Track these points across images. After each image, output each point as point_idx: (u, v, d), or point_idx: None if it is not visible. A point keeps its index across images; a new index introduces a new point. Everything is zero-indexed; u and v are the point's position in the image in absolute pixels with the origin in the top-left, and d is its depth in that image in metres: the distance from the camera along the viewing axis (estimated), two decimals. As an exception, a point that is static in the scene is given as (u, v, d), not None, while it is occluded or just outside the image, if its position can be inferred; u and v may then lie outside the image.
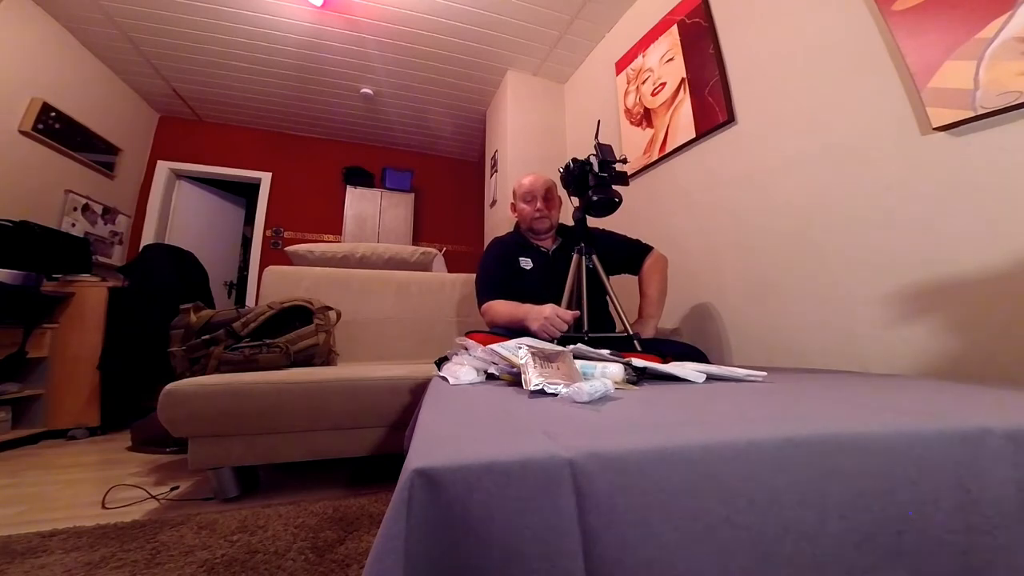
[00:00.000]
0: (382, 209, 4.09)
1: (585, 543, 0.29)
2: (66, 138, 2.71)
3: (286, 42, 2.83)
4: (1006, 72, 0.96)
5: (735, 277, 1.67)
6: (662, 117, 2.10)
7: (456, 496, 0.29)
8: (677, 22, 2.05)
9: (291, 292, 1.68)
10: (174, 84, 3.32)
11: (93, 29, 2.71)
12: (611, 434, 0.37)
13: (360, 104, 3.63)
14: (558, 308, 1.15)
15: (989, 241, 0.99)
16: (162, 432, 1.15)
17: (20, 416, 1.96)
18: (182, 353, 1.25)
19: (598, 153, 1.21)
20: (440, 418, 0.51)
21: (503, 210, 2.93)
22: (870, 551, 0.33)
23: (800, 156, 1.45)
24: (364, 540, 0.84)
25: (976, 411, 0.46)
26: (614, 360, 0.75)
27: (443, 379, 0.80)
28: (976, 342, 1.01)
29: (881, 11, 1.20)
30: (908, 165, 1.15)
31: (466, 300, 1.95)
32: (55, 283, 2.13)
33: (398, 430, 1.16)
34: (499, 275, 1.43)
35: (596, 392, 0.52)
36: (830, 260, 1.33)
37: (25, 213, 2.24)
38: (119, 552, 0.80)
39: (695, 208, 1.90)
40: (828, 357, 1.31)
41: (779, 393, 0.61)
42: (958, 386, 0.66)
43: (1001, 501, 0.35)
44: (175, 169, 3.78)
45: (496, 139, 3.34)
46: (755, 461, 0.33)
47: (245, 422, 1.09)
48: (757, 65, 1.64)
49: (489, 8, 2.56)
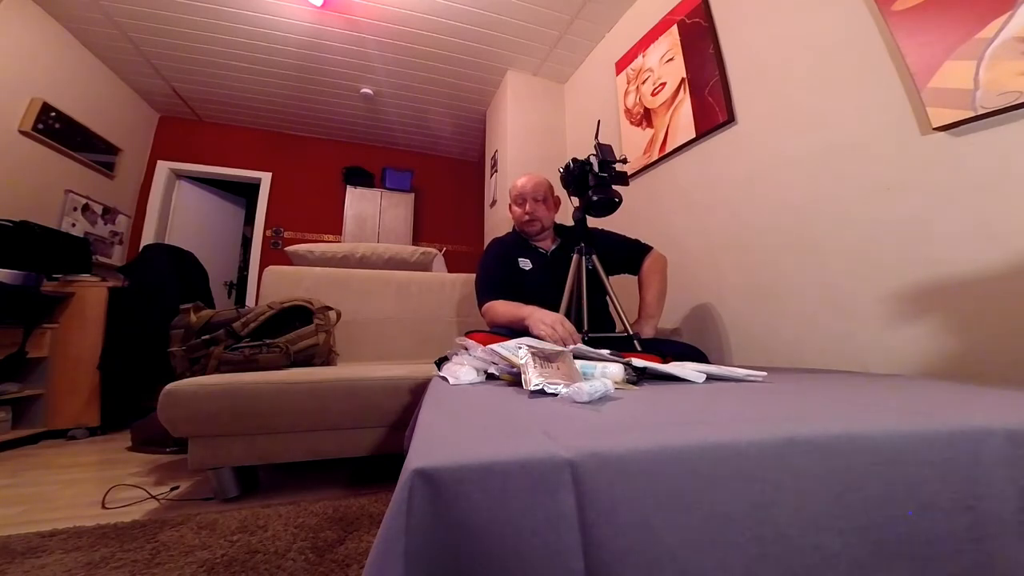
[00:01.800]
0: (382, 209, 4.09)
1: (585, 543, 0.29)
2: (66, 138, 2.71)
3: (286, 42, 2.83)
4: (1006, 72, 0.96)
5: (735, 277, 1.67)
6: (662, 117, 2.10)
7: (456, 496, 0.29)
8: (677, 22, 2.05)
9: (291, 292, 1.68)
10: (174, 84, 3.32)
11: (93, 29, 2.71)
12: (611, 434, 0.37)
13: (360, 104, 3.63)
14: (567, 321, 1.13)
15: (989, 241, 0.99)
16: (162, 432, 1.15)
17: (20, 416, 1.96)
18: (182, 353, 1.25)
19: (598, 153, 1.21)
20: (440, 418, 0.51)
21: (503, 210, 2.93)
22: (870, 551, 0.33)
23: (800, 156, 1.45)
24: (364, 540, 0.84)
25: (976, 411, 0.46)
26: (614, 360, 0.75)
27: (443, 379, 0.80)
28: (976, 342, 1.01)
29: (881, 11, 1.20)
30: (908, 165, 1.15)
31: (466, 300, 1.95)
32: (55, 283, 2.12)
33: (398, 430, 1.16)
34: (499, 275, 1.43)
35: (596, 392, 0.52)
36: (830, 260, 1.33)
37: (25, 213, 2.24)
38: (119, 552, 0.80)
39: (695, 208, 1.90)
40: (828, 357, 1.31)
41: (779, 393, 0.61)
42: (958, 386, 0.66)
43: (1001, 501, 0.35)
44: (175, 169, 3.78)
45: (496, 139, 3.34)
46: (755, 461, 0.33)
47: (245, 422, 1.08)
48: (757, 65, 1.64)
49: (489, 8, 2.56)
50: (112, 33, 2.74)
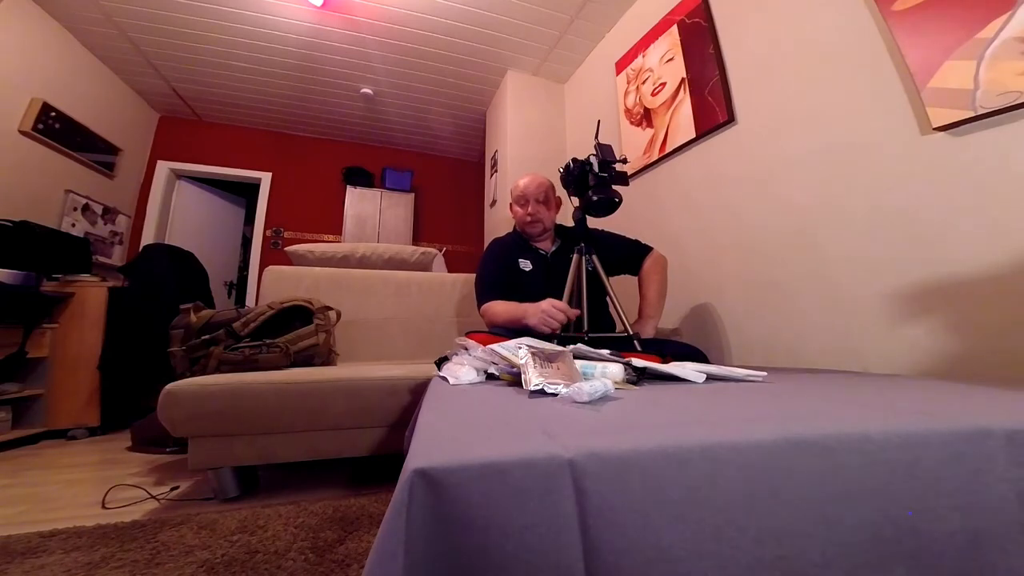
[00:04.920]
0: (382, 209, 4.09)
1: (585, 543, 0.29)
2: (66, 138, 2.71)
3: (286, 42, 2.83)
4: (1006, 72, 0.96)
5: (735, 277, 1.67)
6: (662, 117, 2.10)
7: (456, 496, 0.29)
8: (677, 22, 2.05)
9: (291, 292, 1.68)
10: (174, 84, 3.32)
11: (93, 29, 2.71)
12: (611, 434, 0.37)
13: (360, 104, 3.63)
14: (556, 301, 1.16)
15: (989, 241, 0.99)
16: (162, 432, 1.15)
17: (20, 416, 1.96)
18: (182, 353, 1.25)
19: (598, 153, 1.21)
20: (440, 418, 0.51)
21: (503, 210, 2.93)
22: (870, 551, 0.33)
23: (800, 156, 1.45)
24: (364, 540, 0.84)
25: (976, 411, 0.46)
26: (614, 360, 0.75)
27: (443, 379, 0.80)
28: (976, 342, 1.01)
29: (881, 11, 1.20)
30: (908, 165, 1.15)
31: (466, 300, 1.95)
32: (55, 283, 2.12)
33: (398, 430, 1.16)
34: (498, 276, 1.43)
35: (596, 392, 0.52)
36: (830, 260, 1.33)
37: (25, 213, 2.24)
38: (119, 552, 0.80)
39: (695, 208, 1.90)
40: (828, 357, 1.31)
41: (779, 393, 0.61)
42: (958, 386, 0.66)
43: (1001, 501, 0.35)
44: (175, 169, 3.78)
45: (496, 139, 3.34)
46: (755, 461, 0.33)
47: (245, 422, 1.08)
48: (757, 65, 1.64)
49: (489, 8, 2.56)
50: (112, 33, 2.74)
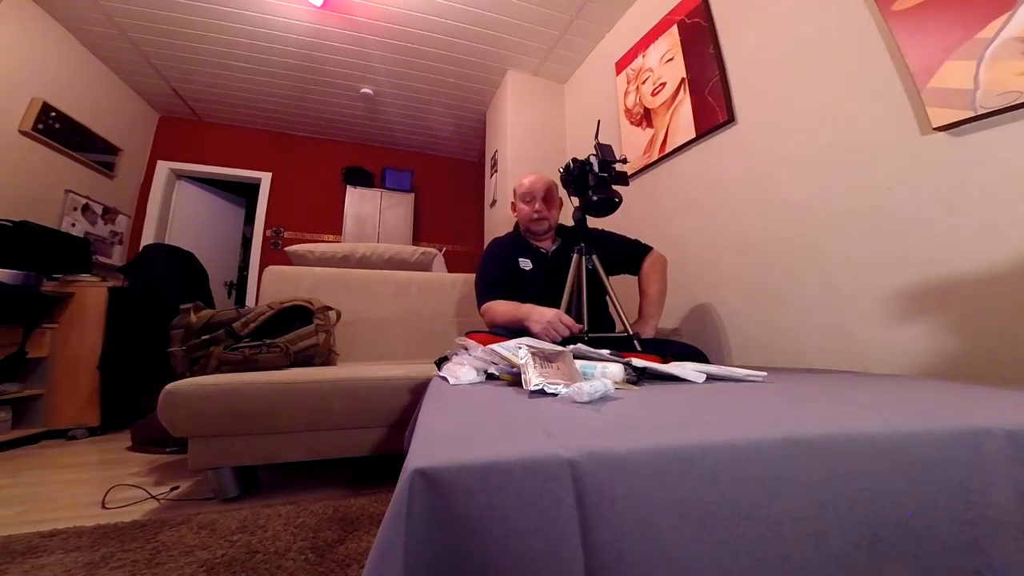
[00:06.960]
0: (382, 209, 4.09)
1: (585, 542, 0.29)
2: (66, 138, 2.71)
3: (286, 42, 2.83)
4: (1006, 72, 0.96)
5: (735, 277, 1.67)
6: (662, 117, 2.10)
7: (456, 496, 0.29)
8: (677, 22, 2.05)
9: (291, 292, 1.68)
10: (174, 84, 3.32)
11: (93, 29, 2.71)
12: (611, 434, 0.37)
13: (360, 104, 3.63)
14: (563, 315, 1.14)
15: (989, 241, 0.99)
16: (162, 432, 1.15)
17: (20, 416, 1.96)
18: (182, 353, 1.25)
19: (598, 153, 1.21)
20: (440, 418, 0.51)
21: (503, 210, 2.93)
22: (870, 551, 0.33)
23: (800, 156, 1.45)
24: (364, 540, 0.84)
25: (976, 411, 0.46)
26: (614, 360, 0.75)
27: (443, 379, 0.80)
28: (976, 342, 1.01)
29: (881, 11, 1.20)
30: (908, 165, 1.15)
31: (466, 300, 1.95)
32: (55, 283, 2.12)
33: (398, 430, 1.16)
34: (499, 276, 1.43)
35: (596, 392, 0.52)
36: (830, 260, 1.33)
37: (25, 213, 2.24)
38: (119, 552, 0.80)
39: (695, 208, 1.90)
40: (828, 357, 1.31)
41: (779, 393, 0.61)
42: (958, 386, 0.66)
43: (1001, 501, 0.35)
44: (175, 169, 3.78)
45: (496, 139, 3.34)
46: (755, 461, 0.33)
47: (245, 422, 1.08)
48: (757, 65, 1.64)
49: (489, 8, 2.56)
50: (112, 33, 2.74)
